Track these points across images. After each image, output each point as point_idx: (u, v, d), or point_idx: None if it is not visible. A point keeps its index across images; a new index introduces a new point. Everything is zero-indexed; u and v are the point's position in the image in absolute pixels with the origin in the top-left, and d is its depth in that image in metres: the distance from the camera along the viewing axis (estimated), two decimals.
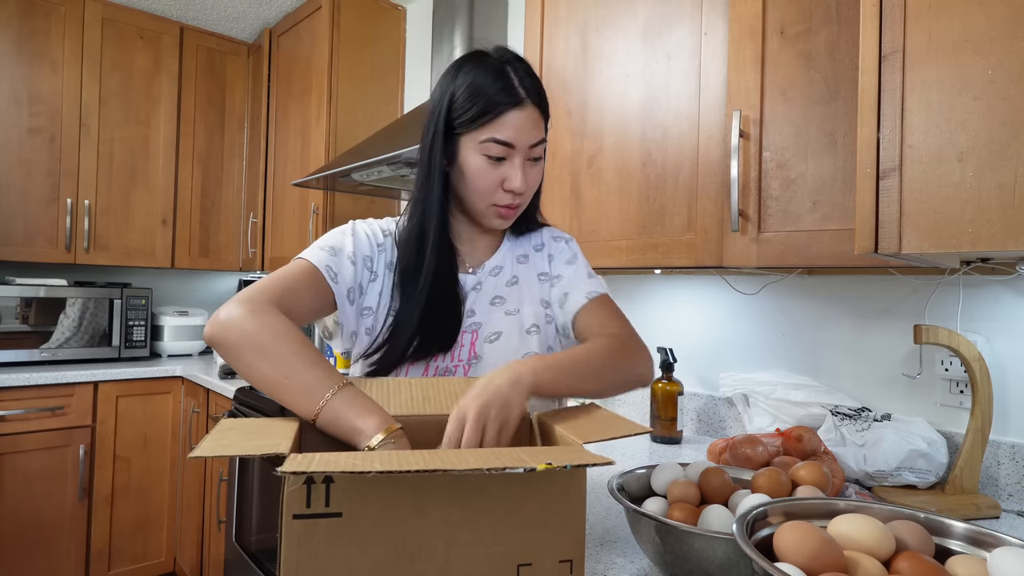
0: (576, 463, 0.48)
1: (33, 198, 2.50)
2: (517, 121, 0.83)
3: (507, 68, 0.85)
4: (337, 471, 0.43)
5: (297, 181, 2.30)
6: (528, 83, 0.85)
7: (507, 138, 0.83)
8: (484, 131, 0.84)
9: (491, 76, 0.84)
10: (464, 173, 0.87)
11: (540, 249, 1.01)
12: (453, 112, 0.85)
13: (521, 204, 0.90)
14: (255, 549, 1.82)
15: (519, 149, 0.85)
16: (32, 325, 2.42)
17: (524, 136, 0.84)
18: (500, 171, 0.86)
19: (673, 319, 1.66)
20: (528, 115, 0.84)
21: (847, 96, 0.99)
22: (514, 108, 0.83)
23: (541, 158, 0.89)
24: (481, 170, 0.85)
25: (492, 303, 0.93)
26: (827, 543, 0.56)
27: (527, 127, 0.84)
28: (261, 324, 0.72)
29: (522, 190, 0.86)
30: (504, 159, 0.85)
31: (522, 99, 0.84)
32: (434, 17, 2.18)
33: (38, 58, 2.50)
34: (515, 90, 0.83)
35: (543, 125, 0.88)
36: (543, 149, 0.89)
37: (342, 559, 0.47)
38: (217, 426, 0.61)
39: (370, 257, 0.90)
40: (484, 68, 0.85)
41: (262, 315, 0.73)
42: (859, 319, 1.31)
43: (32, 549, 2.26)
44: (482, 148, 0.84)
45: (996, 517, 1.03)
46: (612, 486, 0.82)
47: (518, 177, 0.85)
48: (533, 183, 0.90)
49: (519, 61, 0.87)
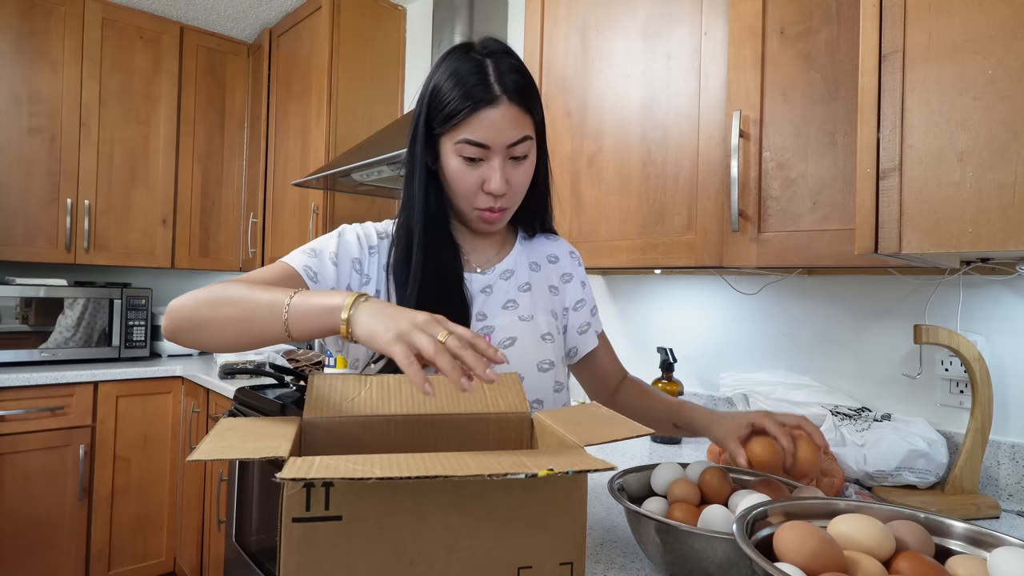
0: (578, 469, 0.47)
1: (33, 198, 2.50)
2: (491, 120, 0.79)
3: (487, 63, 0.80)
4: (337, 477, 0.43)
5: (297, 181, 2.30)
6: (509, 79, 0.80)
7: (481, 138, 0.79)
8: (458, 131, 0.80)
9: (467, 72, 0.79)
10: (446, 176, 0.84)
11: (555, 262, 1.00)
12: (432, 110, 0.82)
13: (507, 207, 0.86)
14: (255, 549, 1.82)
15: (495, 149, 0.80)
16: (32, 325, 2.42)
17: (500, 135, 0.80)
18: (479, 172, 0.82)
19: (673, 319, 1.66)
20: (504, 113, 0.79)
21: (847, 96, 0.98)
22: (487, 106, 0.78)
23: (526, 156, 0.84)
24: (459, 172, 0.82)
25: (504, 307, 0.91)
26: (827, 543, 0.56)
27: (503, 126, 0.79)
28: (206, 290, 0.74)
29: (501, 191, 0.82)
30: (482, 160, 0.81)
31: (496, 96, 0.78)
32: (434, 17, 2.18)
33: (38, 58, 2.50)
34: (489, 87, 0.79)
35: (526, 122, 0.82)
36: (528, 147, 0.84)
37: (342, 562, 0.47)
38: (216, 426, 0.60)
39: (358, 260, 0.87)
40: (462, 63, 0.81)
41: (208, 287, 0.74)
42: (859, 319, 1.31)
43: (32, 549, 2.26)
44: (457, 149, 0.81)
45: (996, 517, 1.03)
46: (612, 486, 0.82)
47: (495, 178, 0.81)
48: (518, 184, 0.85)
49: (504, 55, 0.82)
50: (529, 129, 0.83)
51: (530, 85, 0.83)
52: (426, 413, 0.70)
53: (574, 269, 1.02)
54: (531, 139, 0.84)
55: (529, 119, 0.83)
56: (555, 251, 1.02)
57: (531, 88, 0.83)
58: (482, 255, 0.95)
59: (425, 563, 0.49)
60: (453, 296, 0.86)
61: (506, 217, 0.88)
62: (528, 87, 0.83)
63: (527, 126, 0.83)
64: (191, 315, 0.72)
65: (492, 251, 0.96)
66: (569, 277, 1.01)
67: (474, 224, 0.89)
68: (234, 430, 0.59)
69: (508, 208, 0.87)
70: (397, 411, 0.70)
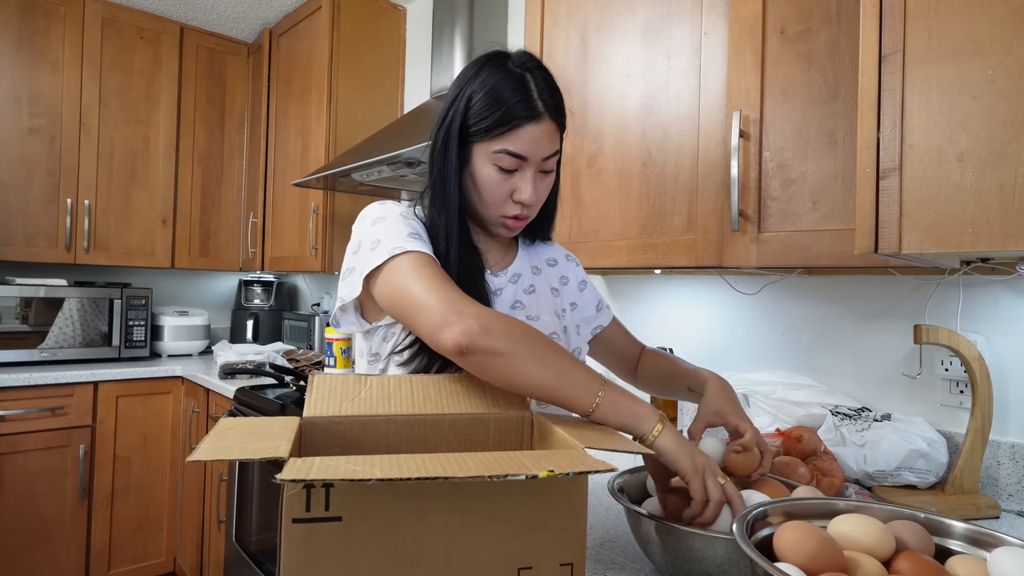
0: (579, 470, 0.47)
1: (33, 198, 2.50)
2: (533, 135, 0.82)
3: (527, 77, 0.83)
4: (337, 478, 0.43)
5: (297, 181, 2.31)
6: (547, 95, 0.83)
7: (521, 151, 0.82)
8: (498, 142, 0.82)
9: (510, 85, 0.81)
10: (475, 181, 0.85)
11: (553, 265, 1.03)
12: (469, 118, 0.83)
13: (529, 215, 0.89)
14: (255, 549, 1.82)
15: (532, 161, 0.83)
16: (32, 325, 2.42)
17: (538, 149, 0.83)
18: (511, 182, 0.84)
19: (673, 319, 1.66)
20: (544, 129, 0.82)
21: (847, 96, 0.98)
22: (531, 122, 0.81)
23: (553, 170, 0.88)
24: (492, 180, 0.84)
25: (512, 308, 0.93)
26: (827, 543, 0.56)
27: (542, 141, 0.82)
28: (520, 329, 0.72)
29: (531, 201, 0.85)
30: (516, 171, 0.84)
31: (540, 113, 0.81)
32: (434, 17, 2.18)
33: (38, 58, 2.50)
34: (534, 103, 0.81)
35: (558, 137, 0.86)
36: (556, 161, 0.87)
37: (342, 563, 0.47)
38: (216, 426, 0.60)
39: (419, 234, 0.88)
40: (503, 75, 0.82)
41: (507, 320, 0.73)
42: (859, 319, 1.31)
43: (32, 549, 2.26)
44: (494, 158, 0.83)
45: (996, 517, 1.03)
46: (612, 486, 0.82)
47: (528, 188, 0.84)
48: (543, 194, 0.88)
49: (540, 70, 0.85)
50: (559, 143, 0.87)
51: (562, 101, 0.87)
52: (426, 413, 0.70)
53: (571, 271, 1.06)
54: (560, 153, 0.88)
55: (559, 135, 0.87)
56: (552, 255, 1.05)
57: (563, 104, 0.87)
58: (492, 257, 0.96)
59: (425, 564, 0.49)
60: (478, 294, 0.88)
61: (525, 224, 0.91)
62: (562, 103, 0.86)
63: (558, 141, 0.86)
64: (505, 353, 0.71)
65: (500, 254, 0.97)
66: (566, 280, 1.04)
67: (495, 229, 0.90)
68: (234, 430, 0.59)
69: (530, 217, 0.90)
70: (397, 411, 0.70)
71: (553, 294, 0.99)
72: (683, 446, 0.73)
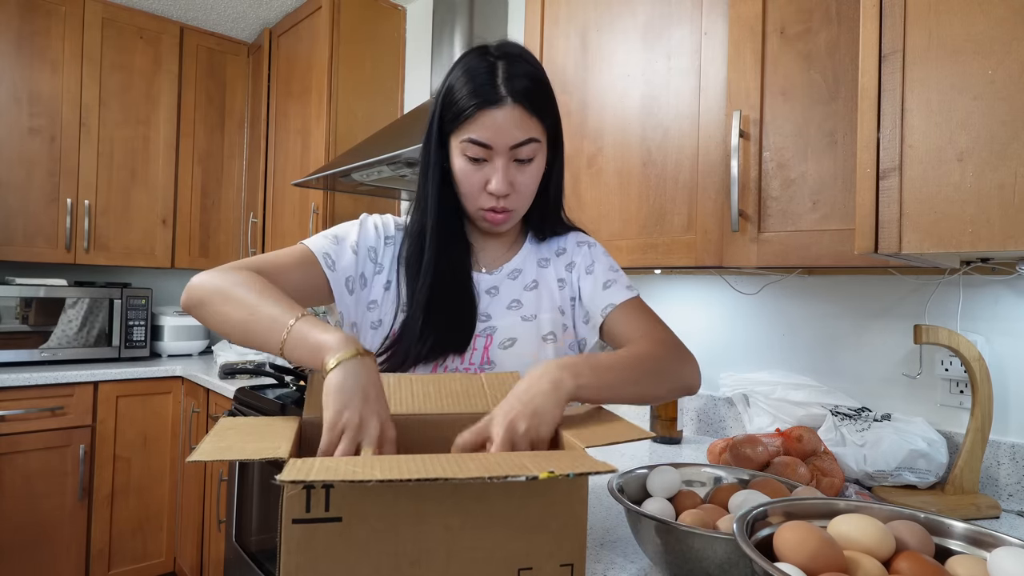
0: (579, 471, 0.47)
1: (33, 198, 2.50)
2: (495, 121, 0.80)
3: (498, 64, 0.81)
4: (337, 479, 0.43)
5: (297, 181, 2.30)
6: (517, 81, 0.80)
7: (484, 139, 0.80)
8: (463, 131, 0.81)
9: (477, 73, 0.80)
10: (454, 174, 0.86)
11: (561, 254, 0.98)
12: (444, 109, 0.84)
13: (512, 208, 0.86)
14: (255, 549, 1.82)
15: (498, 150, 0.81)
16: (32, 325, 2.41)
17: (503, 136, 0.80)
18: (482, 172, 0.83)
19: (673, 319, 1.65)
20: (508, 114, 0.80)
21: (847, 96, 0.98)
22: (491, 107, 0.79)
23: (532, 159, 0.84)
24: (464, 172, 0.84)
25: (509, 307, 0.91)
26: (827, 543, 0.56)
27: (506, 127, 0.80)
28: (227, 277, 0.75)
29: (503, 192, 0.83)
30: (486, 160, 0.82)
31: (501, 97, 0.79)
32: (434, 17, 2.18)
33: (38, 58, 2.50)
34: (495, 88, 0.79)
35: (532, 124, 0.82)
36: (534, 150, 0.84)
37: (342, 564, 0.47)
38: (216, 426, 0.60)
39: (374, 248, 0.90)
40: (474, 65, 0.82)
41: (230, 272, 0.76)
42: (859, 319, 1.31)
43: (32, 549, 2.26)
44: (462, 148, 0.82)
45: (996, 517, 1.03)
46: (612, 486, 0.82)
47: (498, 178, 0.82)
48: (522, 186, 0.85)
49: (518, 58, 0.83)
50: (536, 132, 0.83)
51: (540, 88, 0.84)
52: (426, 413, 0.70)
53: (580, 256, 0.97)
54: (537, 142, 0.84)
55: (536, 122, 0.83)
56: (563, 244, 0.99)
57: (541, 91, 0.84)
58: (491, 254, 0.95)
59: (425, 565, 0.49)
60: (462, 295, 0.88)
61: (512, 219, 0.89)
62: (537, 90, 0.83)
63: (533, 129, 0.83)
64: (204, 298, 0.75)
65: (502, 250, 0.96)
66: (572, 265, 0.97)
67: (479, 224, 0.90)
68: (234, 430, 0.59)
69: (514, 210, 0.87)
70: (397, 411, 0.70)
71: (560, 285, 0.95)
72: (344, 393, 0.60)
